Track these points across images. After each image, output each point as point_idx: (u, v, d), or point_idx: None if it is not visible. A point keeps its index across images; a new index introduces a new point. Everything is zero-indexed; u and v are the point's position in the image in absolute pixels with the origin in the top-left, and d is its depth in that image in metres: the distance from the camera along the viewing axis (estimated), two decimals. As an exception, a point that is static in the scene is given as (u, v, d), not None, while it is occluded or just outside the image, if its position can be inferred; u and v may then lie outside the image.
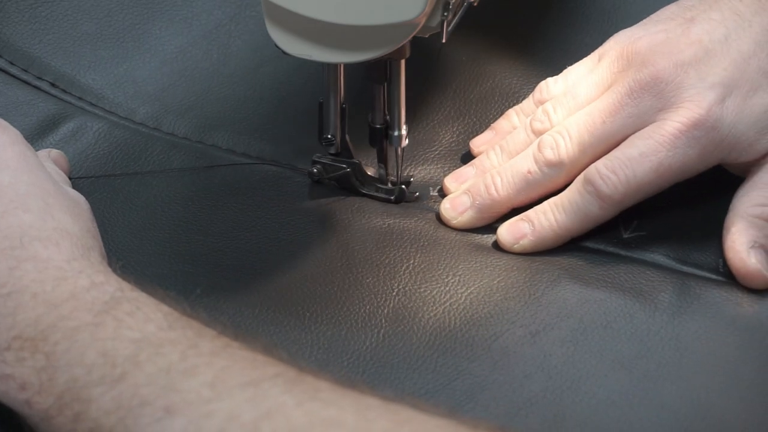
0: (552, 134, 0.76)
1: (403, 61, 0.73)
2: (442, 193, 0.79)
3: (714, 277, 0.73)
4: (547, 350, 0.68)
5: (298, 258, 0.73)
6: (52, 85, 0.86)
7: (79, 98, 0.86)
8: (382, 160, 0.77)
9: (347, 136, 0.77)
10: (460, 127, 0.83)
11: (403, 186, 0.78)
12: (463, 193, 0.77)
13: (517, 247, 0.75)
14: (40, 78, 0.87)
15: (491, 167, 0.78)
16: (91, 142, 0.82)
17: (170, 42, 0.89)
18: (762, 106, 0.73)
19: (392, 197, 0.78)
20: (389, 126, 0.75)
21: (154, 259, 0.73)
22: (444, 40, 0.70)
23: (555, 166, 0.75)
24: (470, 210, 0.77)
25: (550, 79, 0.80)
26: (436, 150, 0.82)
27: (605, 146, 0.75)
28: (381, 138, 0.76)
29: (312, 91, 0.85)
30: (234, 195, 0.78)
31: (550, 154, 0.75)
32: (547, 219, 0.75)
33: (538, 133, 0.77)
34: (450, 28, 0.70)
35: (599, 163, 0.74)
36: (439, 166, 0.81)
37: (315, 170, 0.77)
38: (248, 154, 0.81)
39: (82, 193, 0.71)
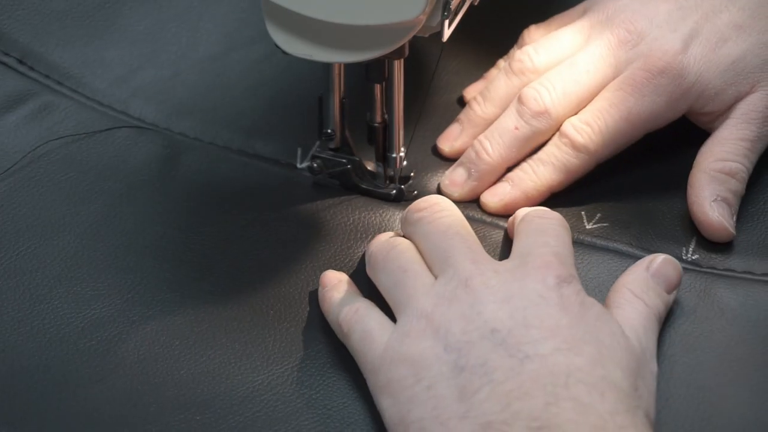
0: (533, 86, 0.77)
1: (401, 61, 0.73)
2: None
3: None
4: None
5: (265, 257, 0.74)
6: (20, 61, 0.86)
7: (46, 76, 0.85)
8: (380, 158, 0.77)
9: (347, 132, 0.76)
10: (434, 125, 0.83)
11: (402, 186, 0.77)
12: (457, 166, 0.78)
13: (498, 203, 0.76)
14: (7, 54, 0.86)
15: (475, 117, 0.79)
16: (57, 121, 0.82)
17: (140, 22, 0.88)
18: (730, 57, 0.76)
19: (392, 193, 0.77)
20: (387, 148, 0.75)
21: (119, 252, 0.73)
22: (444, 40, 0.70)
23: (540, 115, 0.76)
24: (469, 180, 0.77)
25: (533, 26, 0.83)
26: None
27: (588, 95, 0.76)
28: (379, 136, 0.76)
29: (281, 80, 0.85)
30: (199, 187, 0.78)
31: (533, 105, 0.76)
32: (525, 173, 0.76)
33: (518, 73, 0.79)
34: (450, 28, 0.70)
35: (573, 117, 0.76)
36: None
37: (315, 165, 0.77)
38: (215, 144, 0.81)
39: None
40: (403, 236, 0.71)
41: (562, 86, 0.76)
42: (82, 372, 0.67)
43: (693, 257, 0.75)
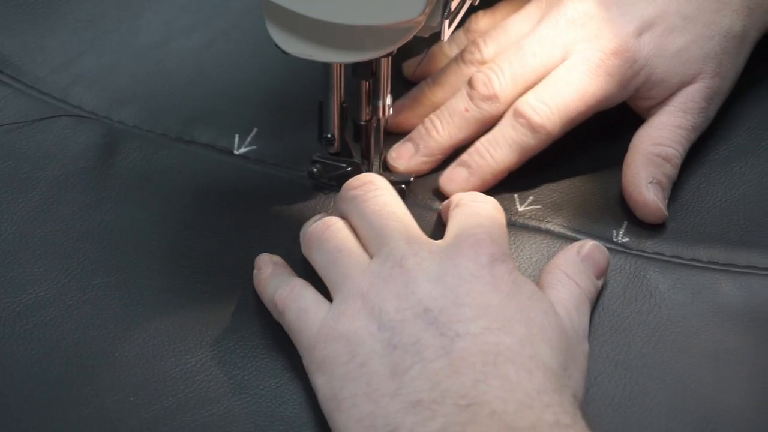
0: (483, 70, 0.78)
1: (389, 58, 0.73)
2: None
3: (609, 246, 0.75)
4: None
5: (200, 241, 0.74)
6: (-42, 48, 0.86)
7: (-15, 63, 0.86)
8: (367, 156, 0.77)
9: (347, 136, 0.76)
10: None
11: (403, 186, 0.77)
12: (406, 141, 0.79)
13: (457, 191, 0.77)
14: (-57, 39, 0.86)
15: (423, 98, 0.80)
16: (-5, 109, 0.83)
17: (80, 9, 0.88)
18: (675, 45, 0.78)
19: None
20: (373, 95, 0.75)
21: (56, 238, 0.74)
22: (444, 40, 0.71)
23: (489, 100, 0.77)
24: (416, 155, 0.78)
25: (480, 12, 0.84)
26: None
27: (536, 78, 0.77)
28: (365, 134, 0.76)
29: (221, 68, 0.85)
30: (137, 175, 0.78)
31: (483, 89, 0.77)
32: (483, 159, 0.77)
33: (468, 63, 0.80)
34: (450, 28, 0.71)
35: (528, 96, 0.77)
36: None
37: (315, 170, 0.76)
38: (153, 131, 0.81)
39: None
40: (338, 215, 0.72)
41: (510, 71, 0.77)
42: (18, 356, 0.67)
43: (623, 240, 0.76)
